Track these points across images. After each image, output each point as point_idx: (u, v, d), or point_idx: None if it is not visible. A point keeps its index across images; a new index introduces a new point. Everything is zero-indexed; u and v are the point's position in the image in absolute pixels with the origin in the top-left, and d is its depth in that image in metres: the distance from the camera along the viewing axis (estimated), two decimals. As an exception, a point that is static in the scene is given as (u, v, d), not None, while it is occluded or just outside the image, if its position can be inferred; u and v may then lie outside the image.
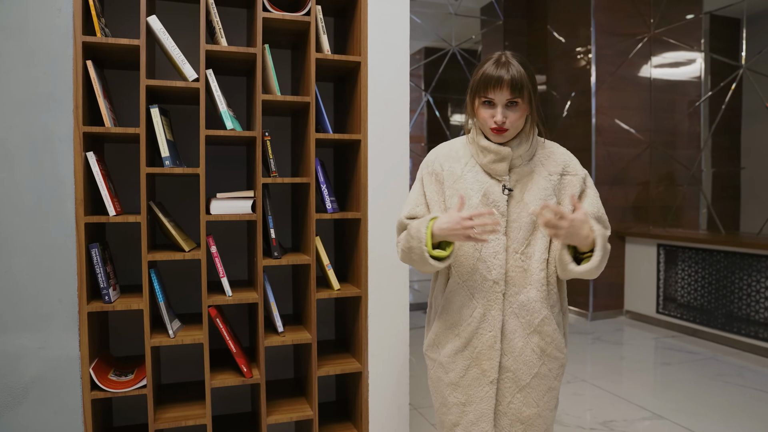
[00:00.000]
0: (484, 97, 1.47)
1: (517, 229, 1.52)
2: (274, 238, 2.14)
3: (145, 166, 1.97)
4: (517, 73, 1.43)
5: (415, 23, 5.55)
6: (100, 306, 1.94)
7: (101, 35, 1.92)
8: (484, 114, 1.49)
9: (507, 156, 1.51)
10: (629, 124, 5.12)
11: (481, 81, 1.47)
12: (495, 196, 1.52)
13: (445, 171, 1.59)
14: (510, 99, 1.44)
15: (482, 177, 1.55)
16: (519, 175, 1.54)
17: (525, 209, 1.52)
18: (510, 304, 1.53)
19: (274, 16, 2.08)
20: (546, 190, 1.53)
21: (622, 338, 4.61)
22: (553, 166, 1.56)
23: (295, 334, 2.21)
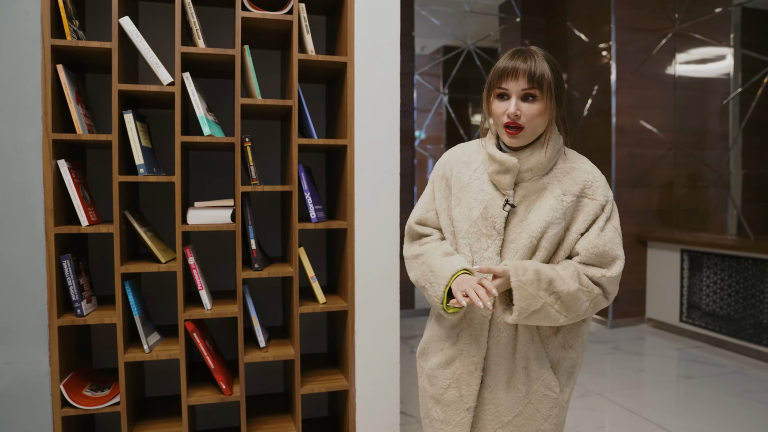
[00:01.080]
0: (498, 88, 1.26)
1: (513, 251, 1.32)
2: (255, 249, 2.02)
3: (118, 174, 1.86)
4: (536, 64, 1.22)
5: (431, 22, 5.37)
6: (71, 320, 1.85)
7: (72, 38, 1.82)
8: (497, 109, 1.28)
9: (512, 168, 1.29)
10: (652, 124, 4.84)
11: (496, 72, 1.27)
12: (494, 210, 1.32)
13: (453, 176, 1.42)
14: (526, 90, 1.22)
15: (487, 187, 1.35)
16: (527, 191, 1.32)
17: (526, 230, 1.30)
18: (497, 332, 1.36)
19: (254, 15, 1.95)
20: (554, 212, 1.28)
21: (642, 348, 4.35)
22: (570, 184, 1.31)
23: (278, 350, 2.08)
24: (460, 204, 1.39)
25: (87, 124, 1.93)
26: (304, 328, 2.43)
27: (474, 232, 1.35)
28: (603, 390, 3.42)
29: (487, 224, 1.32)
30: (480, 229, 1.34)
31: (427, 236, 1.48)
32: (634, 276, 4.84)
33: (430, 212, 1.48)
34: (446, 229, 1.45)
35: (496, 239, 1.32)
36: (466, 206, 1.37)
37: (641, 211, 4.83)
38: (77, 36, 1.87)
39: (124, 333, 1.92)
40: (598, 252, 1.28)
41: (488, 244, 1.33)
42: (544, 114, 1.25)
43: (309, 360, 2.36)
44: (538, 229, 1.28)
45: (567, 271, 1.27)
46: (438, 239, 1.47)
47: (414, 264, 1.45)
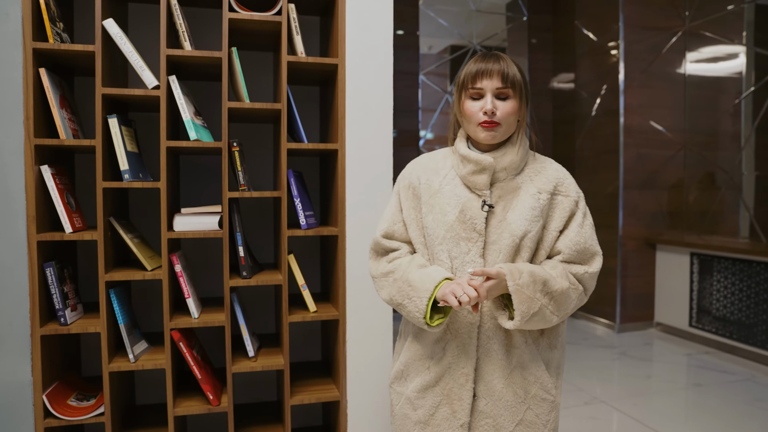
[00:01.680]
0: (471, 88, 1.28)
1: (496, 252, 1.30)
2: (243, 256, 1.96)
3: (102, 180, 1.81)
4: (508, 66, 1.27)
5: (438, 22, 5.28)
6: (54, 328, 1.80)
7: (54, 41, 1.77)
8: (471, 109, 1.29)
9: (489, 167, 1.29)
10: (661, 124, 4.71)
11: (468, 74, 1.29)
12: (472, 212, 1.30)
13: (422, 184, 1.38)
14: (500, 89, 1.27)
15: (461, 190, 1.33)
16: (503, 191, 1.32)
17: (507, 230, 1.29)
18: (487, 339, 1.32)
19: (241, 16, 1.89)
20: (533, 210, 1.30)
21: (650, 353, 4.23)
22: (543, 183, 1.33)
23: (267, 359, 2.02)
24: (433, 210, 1.34)
25: (72, 128, 1.88)
26: (298, 335, 2.37)
27: (452, 236, 1.30)
28: (609, 397, 3.32)
29: (466, 227, 1.29)
30: (458, 233, 1.30)
31: (395, 251, 1.41)
32: (643, 279, 4.72)
33: (397, 224, 1.42)
34: (417, 240, 1.39)
35: (478, 241, 1.29)
36: (440, 212, 1.33)
37: (650, 214, 4.71)
38: (61, 39, 1.82)
39: (110, 342, 1.87)
40: (580, 249, 1.31)
41: (469, 247, 1.29)
42: (516, 113, 1.29)
43: (302, 368, 2.30)
44: (519, 229, 1.28)
45: (556, 271, 1.28)
46: (407, 253, 1.41)
47: (384, 282, 1.38)
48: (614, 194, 4.66)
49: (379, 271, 1.40)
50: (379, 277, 1.40)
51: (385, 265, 1.40)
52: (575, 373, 3.72)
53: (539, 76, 5.46)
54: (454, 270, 1.31)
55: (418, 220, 1.38)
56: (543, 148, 1.43)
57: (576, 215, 1.35)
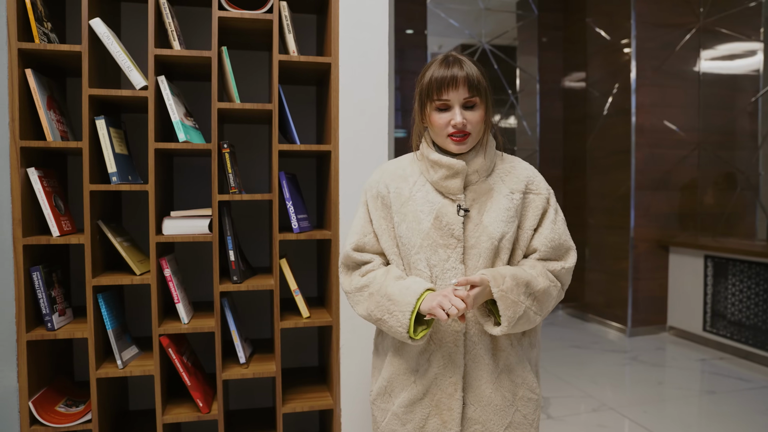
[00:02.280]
0: (437, 100, 1.22)
1: (476, 256, 1.26)
2: (234, 260, 1.90)
3: (89, 183, 1.76)
4: (472, 70, 1.22)
5: (447, 21, 5.19)
6: (41, 334, 1.76)
7: (40, 41, 1.72)
8: (439, 121, 1.24)
9: (461, 171, 1.25)
10: (675, 123, 4.56)
11: (432, 83, 1.23)
12: (449, 218, 1.25)
13: (391, 193, 1.33)
14: (468, 98, 1.22)
15: (434, 197, 1.28)
16: (476, 194, 1.29)
17: (485, 233, 1.25)
18: (473, 345, 1.28)
19: (231, 15, 1.83)
20: (508, 211, 1.27)
21: (663, 359, 4.10)
22: (515, 182, 1.31)
23: (259, 365, 1.96)
24: (406, 219, 1.28)
25: (61, 130, 1.84)
26: (295, 340, 2.31)
27: (429, 244, 1.25)
28: (618, 404, 3.21)
29: (443, 233, 1.25)
30: (435, 240, 1.25)
31: (367, 263, 1.35)
32: (655, 282, 4.58)
33: (368, 236, 1.35)
34: (390, 251, 1.33)
35: (457, 247, 1.25)
36: (414, 220, 1.27)
37: (662, 215, 4.57)
38: (48, 39, 1.78)
39: (98, 347, 1.82)
40: (555, 245, 1.29)
41: (448, 254, 1.25)
42: (483, 120, 1.25)
43: (298, 374, 2.24)
44: (497, 231, 1.25)
45: (536, 270, 1.27)
46: (381, 265, 1.34)
47: (360, 297, 1.32)
48: (626, 195, 4.53)
49: (352, 286, 1.35)
50: (353, 292, 1.34)
51: (358, 279, 1.34)
52: (584, 378, 3.61)
53: (550, 74, 5.34)
54: (434, 278, 1.26)
55: (390, 230, 1.33)
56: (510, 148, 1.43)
57: (548, 212, 1.32)
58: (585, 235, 5.08)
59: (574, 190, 5.24)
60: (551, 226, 1.31)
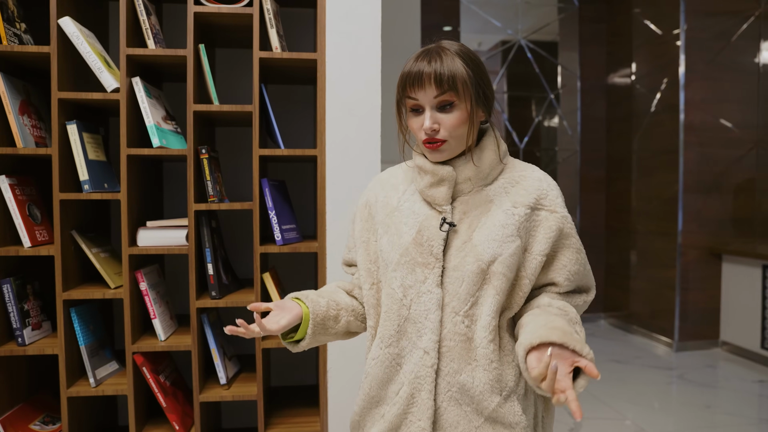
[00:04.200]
0: (408, 98, 1.00)
1: (457, 280, 1.00)
2: (212, 274, 1.72)
3: (59, 192, 1.63)
4: (443, 64, 0.96)
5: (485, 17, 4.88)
6: (10, 349, 1.64)
7: (8, 43, 1.60)
8: (413, 125, 1.02)
9: (447, 177, 1.02)
10: (729, 120, 4.08)
11: (401, 80, 1.00)
12: (430, 233, 1.02)
13: (378, 201, 1.12)
14: (438, 97, 0.97)
15: (420, 207, 1.05)
16: (468, 206, 1.04)
17: (472, 252, 1.00)
18: (448, 386, 1.01)
19: (208, 9, 1.65)
20: (505, 228, 1.00)
21: (714, 378, 3.66)
22: (521, 195, 1.04)
23: (242, 387, 1.78)
24: (389, 231, 1.07)
25: (36, 136, 1.72)
26: (289, 357, 2.12)
27: (406, 262, 1.02)
28: (658, 430, 2.84)
29: (423, 250, 1.01)
30: (414, 257, 1.02)
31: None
32: (707, 294, 4.12)
33: (353, 250, 1.17)
34: (362, 265, 1.12)
35: (435, 267, 1.01)
36: (396, 233, 1.05)
37: (715, 221, 4.09)
38: (20, 40, 1.66)
39: (72, 364, 1.69)
40: (579, 278, 1.07)
41: (426, 274, 1.01)
42: (466, 121, 0.99)
43: (290, 394, 2.05)
44: (487, 252, 0.99)
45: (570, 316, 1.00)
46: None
47: None
48: (673, 198, 4.09)
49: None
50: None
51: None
52: (621, 398, 3.24)
53: (592, 70, 4.93)
54: (408, 302, 1.02)
55: (370, 242, 1.12)
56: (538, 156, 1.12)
57: (570, 236, 1.05)
58: (629, 241, 4.66)
59: (618, 193, 4.82)
60: (576, 257, 1.05)
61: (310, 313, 1.08)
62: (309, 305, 1.09)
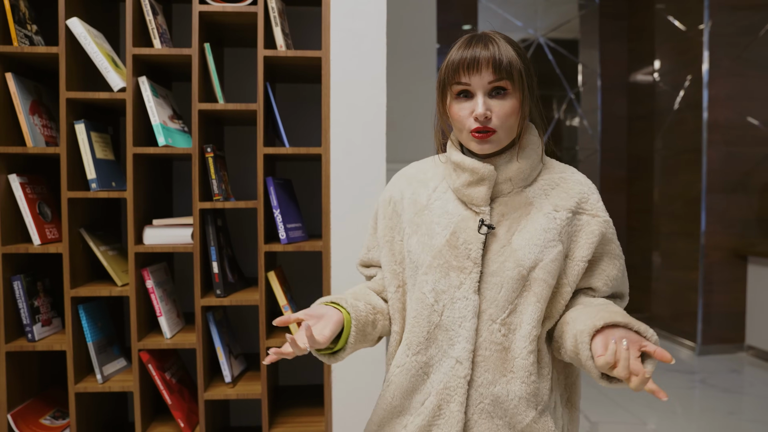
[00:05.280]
0: (456, 83, 0.94)
1: (496, 286, 0.95)
2: (217, 273, 1.72)
3: (67, 190, 1.65)
4: (500, 50, 0.92)
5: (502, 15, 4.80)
6: (21, 345, 1.66)
7: (19, 44, 1.62)
8: (459, 112, 0.95)
9: (488, 176, 0.96)
10: (757, 118, 3.94)
11: (449, 66, 0.94)
12: (467, 235, 0.96)
13: (405, 199, 1.06)
14: (494, 82, 0.92)
15: (454, 207, 1.00)
16: (507, 207, 0.98)
17: (512, 257, 0.95)
18: (480, 397, 0.96)
19: (213, 8, 1.65)
20: (547, 233, 0.96)
21: (738, 384, 3.53)
22: (562, 198, 0.99)
23: (247, 386, 1.77)
24: (419, 231, 1.01)
25: (47, 135, 1.74)
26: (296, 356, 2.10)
27: (440, 265, 0.97)
28: (676, 438, 2.75)
29: (458, 254, 0.96)
30: (448, 260, 0.96)
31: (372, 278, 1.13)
32: (731, 296, 3.98)
33: (373, 250, 1.12)
34: (387, 266, 1.06)
35: (472, 272, 0.95)
36: (427, 233, 0.99)
37: (740, 221, 3.95)
38: (31, 42, 1.68)
39: (79, 360, 1.71)
40: (617, 285, 1.03)
41: (461, 279, 0.95)
42: (518, 112, 0.95)
43: (295, 393, 2.03)
44: (528, 257, 0.95)
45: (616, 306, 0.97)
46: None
47: None
48: (696, 198, 3.96)
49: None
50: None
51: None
52: (639, 402, 3.15)
53: (612, 68, 4.81)
54: (441, 308, 0.97)
55: (395, 242, 1.06)
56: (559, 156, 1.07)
57: (611, 242, 1.02)
58: (651, 242, 4.53)
59: (640, 193, 4.69)
60: (616, 263, 1.02)
61: (352, 319, 0.98)
62: (351, 312, 0.99)
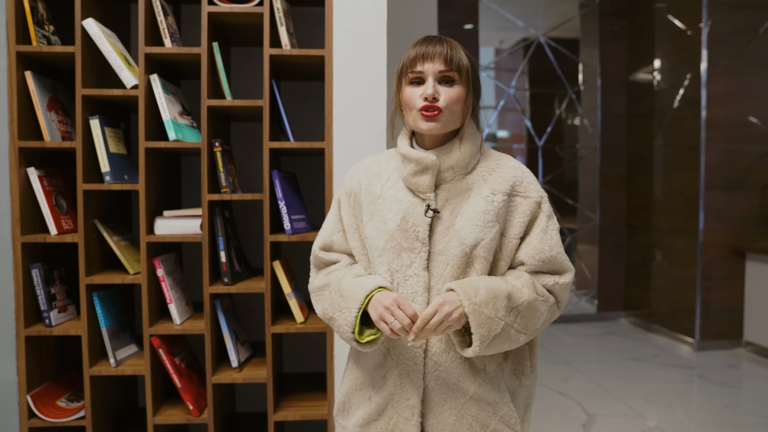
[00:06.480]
0: (411, 73, 1.08)
1: (442, 263, 1.08)
2: (225, 262, 1.81)
3: (83, 182, 1.74)
4: (452, 48, 1.07)
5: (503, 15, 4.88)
6: (38, 330, 1.76)
7: (38, 44, 1.72)
8: (411, 95, 1.09)
9: (431, 165, 1.09)
10: (756, 116, 4.00)
11: (407, 58, 1.09)
12: (415, 218, 1.09)
13: (363, 189, 1.19)
14: (444, 72, 1.07)
15: (404, 195, 1.12)
16: (450, 193, 1.11)
17: (455, 237, 1.08)
18: (435, 365, 1.10)
19: (221, 9, 1.74)
20: (486, 214, 1.09)
21: (735, 378, 3.59)
22: (498, 182, 1.12)
23: (253, 371, 1.86)
24: (374, 218, 1.13)
25: (62, 131, 1.83)
26: (302, 344, 2.20)
27: (392, 247, 1.09)
28: (674, 428, 2.82)
29: (408, 236, 1.08)
30: (399, 243, 1.09)
31: (334, 263, 1.22)
32: (730, 292, 4.05)
33: (336, 234, 1.22)
34: (357, 251, 1.19)
35: (421, 251, 1.08)
36: (380, 219, 1.12)
37: (738, 218, 4.02)
38: (48, 41, 1.78)
39: (93, 345, 1.80)
40: (546, 258, 1.11)
41: (412, 258, 1.08)
42: (462, 101, 1.09)
43: (299, 380, 2.12)
44: (470, 236, 1.08)
45: (520, 281, 1.09)
46: (348, 264, 1.20)
47: (320, 296, 1.19)
48: (695, 196, 4.03)
49: (315, 286, 1.22)
50: (315, 292, 1.21)
51: (322, 278, 1.21)
52: (637, 395, 3.22)
53: (612, 67, 4.88)
54: (396, 285, 1.11)
55: (360, 229, 1.19)
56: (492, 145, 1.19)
57: (539, 219, 1.13)
58: (650, 239, 4.60)
59: (639, 191, 4.76)
60: (541, 236, 1.11)
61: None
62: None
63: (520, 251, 1.12)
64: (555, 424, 2.84)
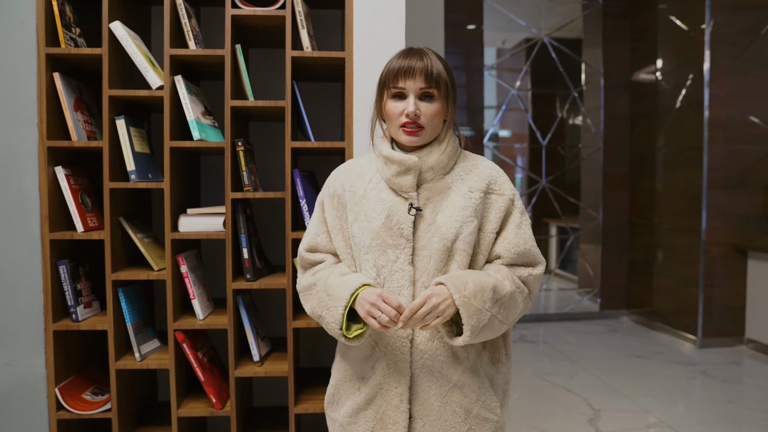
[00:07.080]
0: (393, 88, 1.17)
1: (426, 257, 1.17)
2: (247, 258, 1.86)
3: (109, 181, 1.79)
4: (432, 63, 1.16)
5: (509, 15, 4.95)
6: (66, 324, 1.81)
7: (66, 46, 1.77)
8: (393, 110, 1.18)
9: (413, 167, 1.18)
10: (758, 116, 4.08)
11: (390, 72, 1.17)
12: (399, 216, 1.18)
13: (346, 191, 1.27)
14: (424, 89, 1.16)
15: (387, 195, 1.21)
16: (431, 192, 1.21)
17: (437, 233, 1.17)
18: (420, 354, 1.18)
19: (244, 12, 1.79)
20: (465, 210, 1.18)
21: (738, 375, 3.67)
22: (475, 181, 1.23)
23: (273, 364, 1.92)
24: (359, 218, 1.21)
25: (88, 131, 1.89)
26: (324, 339, 2.25)
27: (377, 244, 1.18)
28: (678, 423, 2.90)
29: (393, 233, 1.17)
30: (384, 240, 1.17)
31: (319, 263, 1.30)
32: (732, 290, 4.12)
33: (321, 236, 1.30)
34: (342, 250, 1.27)
35: (406, 247, 1.17)
36: (365, 219, 1.20)
37: (740, 217, 4.10)
38: (75, 44, 1.83)
39: (119, 339, 1.85)
40: (520, 251, 1.21)
41: (397, 254, 1.17)
42: (441, 114, 1.19)
43: (316, 374, 2.18)
44: (450, 231, 1.17)
45: (501, 274, 1.19)
46: (332, 264, 1.29)
47: (308, 296, 1.27)
48: (697, 195, 4.11)
49: (302, 285, 1.30)
50: (303, 291, 1.29)
51: (309, 278, 1.29)
52: (641, 391, 3.30)
53: (615, 67, 4.95)
54: (382, 280, 1.19)
55: (344, 229, 1.27)
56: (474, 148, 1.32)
57: (513, 215, 1.23)
58: (653, 238, 4.67)
59: (642, 190, 4.83)
60: (516, 231, 1.22)
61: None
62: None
63: (496, 245, 1.21)
64: (562, 419, 2.91)
